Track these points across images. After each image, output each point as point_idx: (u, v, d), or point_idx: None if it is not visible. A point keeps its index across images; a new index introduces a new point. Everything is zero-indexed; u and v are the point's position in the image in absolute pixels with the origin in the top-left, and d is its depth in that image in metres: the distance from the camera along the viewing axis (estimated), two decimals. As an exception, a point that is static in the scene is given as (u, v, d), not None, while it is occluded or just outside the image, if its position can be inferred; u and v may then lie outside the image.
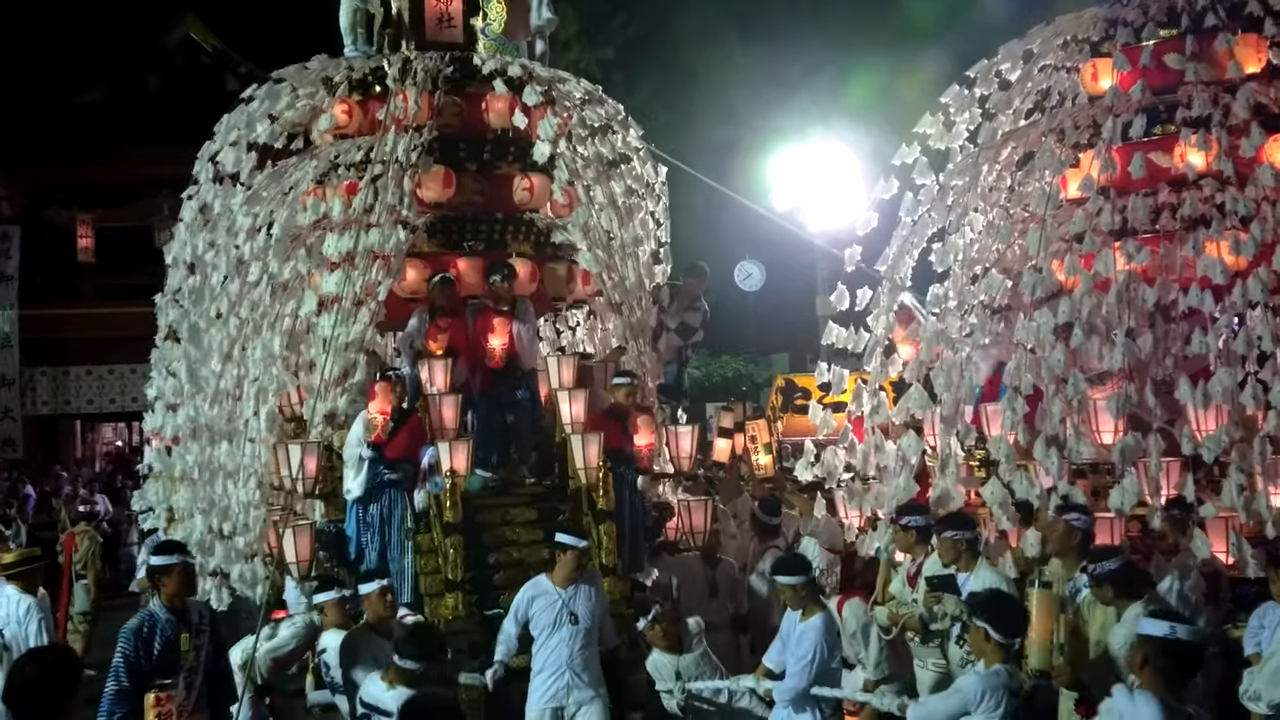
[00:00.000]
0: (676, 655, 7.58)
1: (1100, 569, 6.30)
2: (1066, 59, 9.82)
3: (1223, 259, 8.24)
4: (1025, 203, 9.58)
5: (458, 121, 9.64)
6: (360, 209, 8.86)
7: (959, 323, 9.27)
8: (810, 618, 6.79)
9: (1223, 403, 7.95)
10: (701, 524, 8.99)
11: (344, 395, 8.51)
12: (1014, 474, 8.15)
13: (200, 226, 9.76)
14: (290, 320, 8.90)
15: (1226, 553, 7.68)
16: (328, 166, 9.34)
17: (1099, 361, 8.30)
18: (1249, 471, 7.86)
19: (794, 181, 20.32)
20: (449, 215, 9.59)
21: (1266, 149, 8.58)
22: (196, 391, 9.36)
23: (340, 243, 8.85)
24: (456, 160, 9.56)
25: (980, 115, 9.96)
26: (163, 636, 5.99)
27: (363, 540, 8.40)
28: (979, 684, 5.68)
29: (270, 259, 8.99)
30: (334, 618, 7.35)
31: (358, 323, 8.60)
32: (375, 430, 8.27)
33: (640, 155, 10.49)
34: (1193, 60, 8.91)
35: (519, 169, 9.80)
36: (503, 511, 8.89)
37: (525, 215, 9.95)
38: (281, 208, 9.20)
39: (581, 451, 8.61)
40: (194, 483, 9.22)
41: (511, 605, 7.46)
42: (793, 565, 7.05)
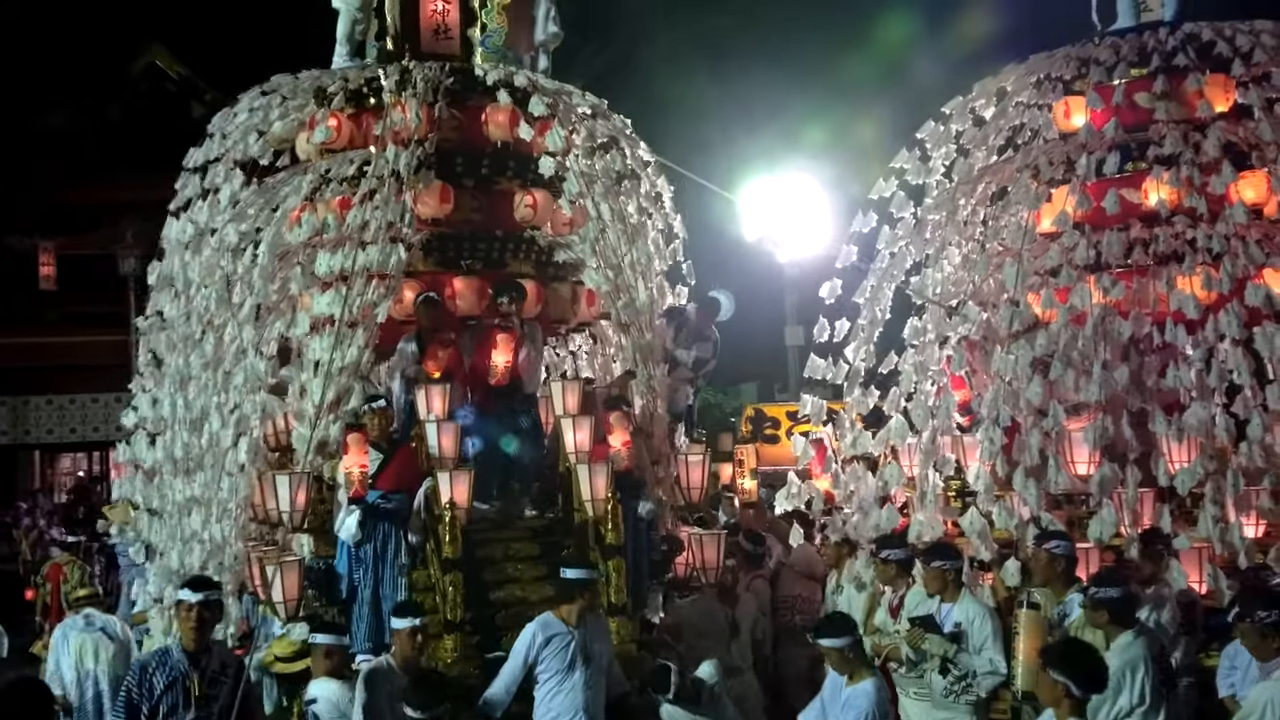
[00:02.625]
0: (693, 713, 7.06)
1: (1101, 594, 6.33)
2: (1039, 97, 10.00)
3: (1195, 294, 8.41)
4: (1001, 237, 9.73)
5: (456, 135, 9.20)
6: (355, 225, 8.46)
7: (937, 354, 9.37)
8: (859, 683, 6.24)
9: (1196, 435, 8.09)
10: (714, 559, 8.46)
11: (336, 423, 8.03)
12: (993, 504, 8.25)
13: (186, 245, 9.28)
14: (278, 343, 8.50)
15: (1201, 583, 7.81)
16: (319, 181, 8.90)
17: (1075, 393, 8.43)
18: (1223, 503, 7.99)
19: (763, 212, 20.49)
20: (446, 233, 9.17)
21: (1236, 186, 8.78)
22: (176, 420, 8.93)
23: (333, 261, 8.45)
24: (454, 175, 9.13)
25: (956, 151, 10.13)
26: (169, 676, 5.70)
27: (355, 578, 7.91)
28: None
29: (256, 278, 8.59)
30: (326, 664, 6.92)
31: (352, 346, 8.17)
32: (354, 486, 7.81)
33: (649, 171, 10.02)
34: (1163, 99, 9.12)
35: (519, 185, 9.41)
36: (504, 546, 8.42)
37: (526, 233, 9.51)
38: (270, 225, 8.80)
39: (589, 482, 8.11)
40: (171, 515, 8.84)
41: (516, 648, 6.93)
42: (837, 626, 6.46)
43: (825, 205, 19.81)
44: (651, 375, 9.12)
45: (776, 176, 20.48)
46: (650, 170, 9.95)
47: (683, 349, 9.80)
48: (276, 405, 8.39)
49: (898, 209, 10.00)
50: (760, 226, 20.63)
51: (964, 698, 6.92)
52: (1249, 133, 9.02)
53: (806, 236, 20.14)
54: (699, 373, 10.07)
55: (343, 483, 7.85)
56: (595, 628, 7.04)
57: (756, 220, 20.64)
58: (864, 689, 6.19)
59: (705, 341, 10.00)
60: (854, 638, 6.35)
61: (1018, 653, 6.41)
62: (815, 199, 20.09)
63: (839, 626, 6.43)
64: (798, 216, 20.19)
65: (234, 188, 9.16)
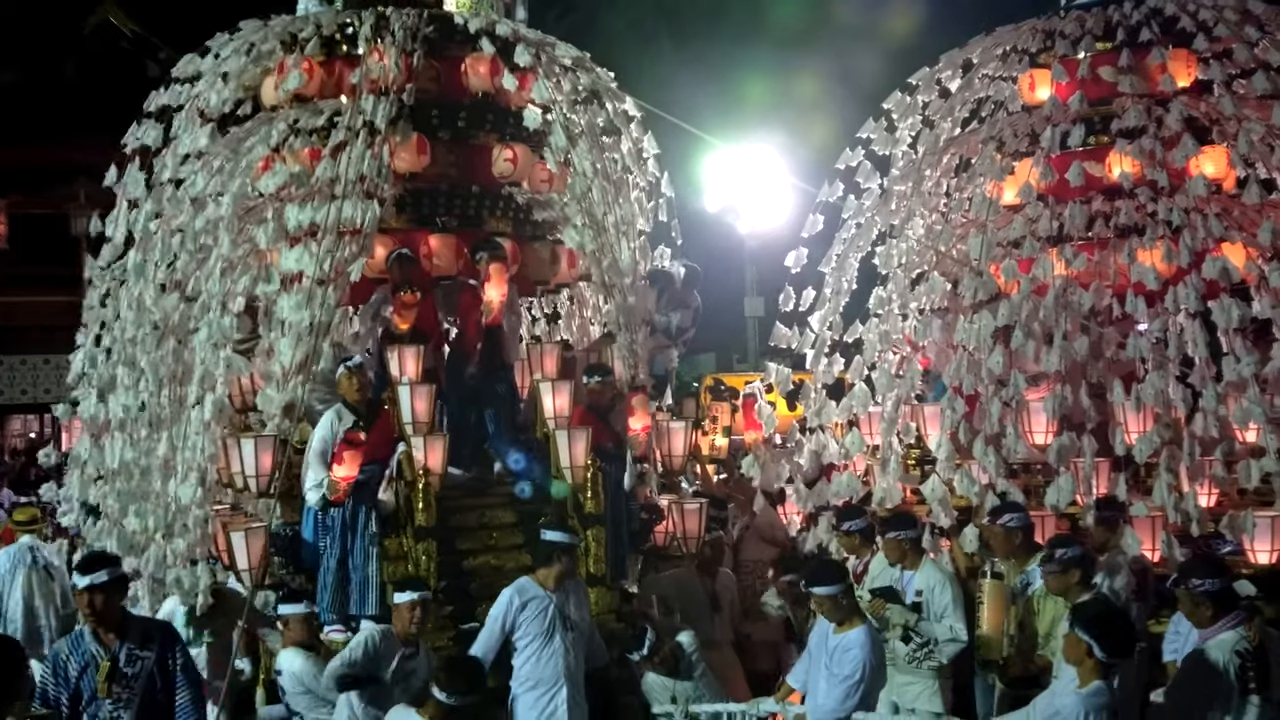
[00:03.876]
0: (673, 678, 7.11)
1: (1069, 553, 6.41)
2: (1005, 69, 10.07)
3: (1155, 266, 8.52)
4: (965, 208, 9.80)
5: (433, 86, 8.79)
6: (326, 178, 8.01)
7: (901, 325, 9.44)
8: (851, 630, 6.13)
9: (1153, 405, 8.22)
10: (695, 528, 8.32)
11: (305, 385, 7.67)
12: (953, 472, 8.35)
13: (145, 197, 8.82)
14: (243, 299, 8.10)
15: (1155, 550, 7.96)
16: (288, 131, 8.43)
17: (1036, 364, 8.54)
18: (1177, 472, 8.12)
19: (725, 183, 20.50)
20: (421, 188, 8.82)
21: (1197, 161, 8.90)
22: (134, 377, 8.47)
23: (303, 215, 7.98)
24: (429, 128, 8.73)
25: (922, 122, 10.18)
26: (81, 660, 5.45)
27: (321, 545, 7.58)
28: (1079, 705, 5.10)
29: (221, 231, 8.16)
30: (292, 635, 6.81)
31: (323, 305, 7.74)
32: (337, 493, 7.45)
33: (633, 126, 9.52)
34: (1127, 73, 9.19)
35: (497, 138, 9.03)
36: (479, 514, 8.12)
37: (505, 190, 9.16)
38: (234, 176, 8.34)
39: (568, 449, 7.89)
40: (128, 477, 8.42)
41: (492, 613, 6.78)
42: (829, 573, 6.34)
43: (786, 177, 19.87)
44: (634, 340, 8.84)
45: (739, 147, 20.51)
46: (634, 126, 9.55)
47: (664, 314, 9.61)
48: (242, 365, 8.08)
49: (864, 179, 10.05)
50: (721, 197, 20.66)
51: (926, 664, 7.01)
52: (1210, 108, 9.12)
53: (767, 208, 20.21)
54: (679, 340, 9.90)
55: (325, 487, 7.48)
56: (575, 594, 6.88)
57: (719, 191, 20.67)
58: (856, 636, 6.08)
59: (686, 309, 9.82)
60: (846, 584, 6.24)
61: (981, 622, 6.49)
62: (776, 171, 20.14)
63: (830, 573, 6.30)
64: (759, 188, 20.25)
65: (197, 136, 8.78)
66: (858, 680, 6.02)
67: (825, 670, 6.17)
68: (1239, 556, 7.98)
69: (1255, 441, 8.18)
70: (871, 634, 6.18)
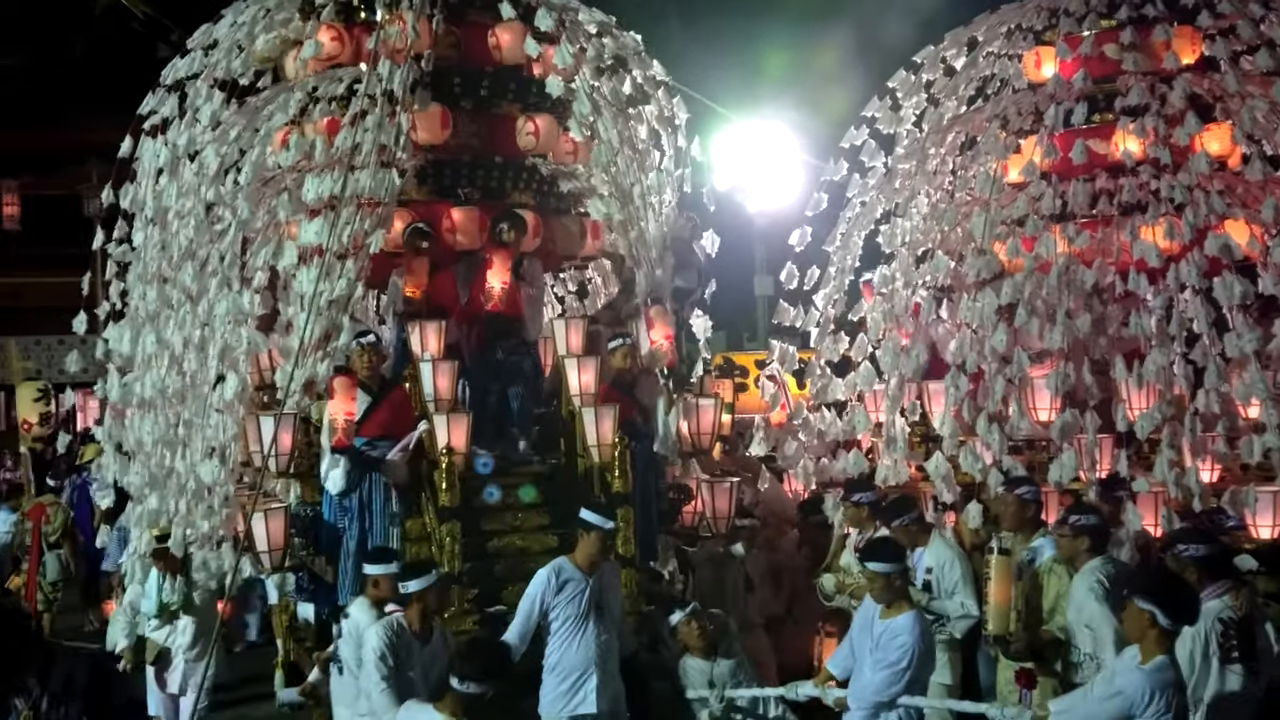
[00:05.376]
0: (711, 660, 6.89)
1: (1083, 520, 6.48)
2: (1009, 47, 10.07)
3: (1157, 244, 8.55)
4: (969, 186, 9.83)
5: (454, 54, 8.59)
6: (345, 148, 7.75)
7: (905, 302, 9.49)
8: (899, 615, 5.89)
9: (1155, 382, 8.27)
10: (726, 508, 8.12)
11: (325, 361, 7.42)
12: (958, 449, 8.42)
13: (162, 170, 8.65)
14: (263, 274, 7.90)
15: (1157, 525, 8.02)
16: (307, 100, 8.23)
17: (1039, 341, 8.59)
18: (1179, 448, 8.18)
19: (734, 161, 20.49)
20: (442, 159, 8.58)
21: (1200, 138, 8.91)
22: (155, 355, 8.36)
23: (322, 186, 7.75)
24: (451, 97, 8.51)
25: (926, 100, 10.20)
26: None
27: (341, 526, 7.42)
28: (1144, 682, 4.88)
29: (240, 203, 7.96)
30: (383, 592, 6.44)
31: (342, 278, 7.51)
32: (337, 433, 7.33)
33: (661, 93, 9.25)
34: (1131, 51, 9.20)
35: (520, 108, 8.82)
36: (503, 494, 7.88)
37: (528, 161, 8.92)
38: (253, 147, 8.16)
39: (594, 426, 7.63)
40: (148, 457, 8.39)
41: (529, 592, 6.50)
42: (886, 550, 6.08)
43: (796, 155, 19.86)
44: (665, 311, 8.57)
45: (749, 125, 20.48)
46: (662, 93, 9.30)
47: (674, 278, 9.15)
48: (261, 341, 7.92)
49: (869, 158, 10.09)
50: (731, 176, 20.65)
51: (939, 639, 7.04)
52: (1214, 85, 9.14)
53: (776, 186, 20.21)
54: (685, 303, 9.40)
55: (326, 429, 7.41)
56: (609, 578, 6.68)
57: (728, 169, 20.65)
58: (905, 622, 5.84)
59: (688, 269, 9.31)
60: (903, 565, 6.00)
61: (989, 597, 6.55)
62: (786, 149, 20.13)
63: (890, 551, 6.03)
64: (768, 166, 20.23)
65: (215, 107, 8.61)
66: (905, 667, 5.81)
67: (870, 656, 5.94)
68: (1241, 531, 8.06)
69: (1257, 417, 8.22)
70: (921, 619, 5.95)
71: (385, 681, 5.90)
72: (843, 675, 6.23)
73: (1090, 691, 5.20)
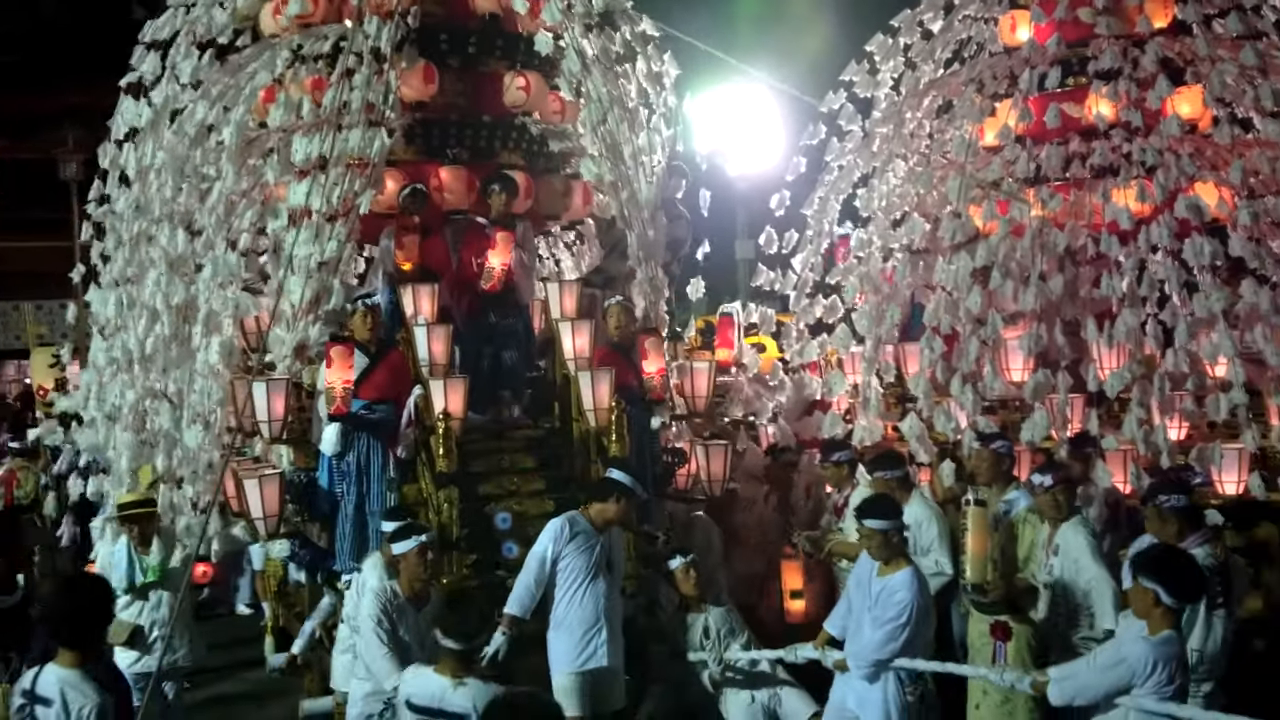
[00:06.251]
0: (701, 613, 6.91)
1: (1054, 476, 6.63)
2: (985, 10, 10.16)
3: (1129, 206, 8.68)
4: (945, 150, 9.93)
5: (440, 9, 8.41)
6: (333, 108, 7.60)
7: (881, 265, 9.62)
8: (896, 572, 5.81)
9: (1126, 342, 8.44)
10: (720, 471, 8.07)
11: (316, 324, 7.35)
12: (932, 410, 8.58)
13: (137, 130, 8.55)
14: (250, 235, 7.81)
15: (1126, 482, 8.19)
16: (292, 59, 8.10)
17: (1013, 303, 8.74)
18: (1148, 406, 8.34)
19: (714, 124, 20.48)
20: (430, 118, 8.46)
21: (1172, 101, 9.01)
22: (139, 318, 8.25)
23: (310, 146, 7.62)
24: (438, 54, 8.34)
25: (903, 64, 10.28)
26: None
27: (338, 491, 7.31)
28: (1149, 652, 4.79)
29: (225, 164, 7.84)
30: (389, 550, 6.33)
31: (332, 240, 7.39)
32: (335, 402, 7.21)
33: (651, 49, 9.05)
34: (1104, 15, 9.30)
35: (508, 65, 8.68)
36: (498, 459, 7.80)
37: (517, 120, 8.79)
38: (237, 106, 8.02)
39: (591, 390, 7.50)
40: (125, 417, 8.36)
41: (540, 541, 6.37)
42: (883, 507, 5.99)
43: (777, 118, 19.88)
44: (655, 274, 8.47)
45: (729, 87, 20.46)
46: (652, 49, 9.10)
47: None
48: (250, 304, 7.82)
49: (846, 122, 10.18)
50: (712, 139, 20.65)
51: None
52: (1185, 48, 9.24)
53: (757, 149, 20.24)
54: (676, 255, 9.21)
55: (324, 398, 7.30)
56: (618, 539, 6.60)
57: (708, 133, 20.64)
58: (902, 578, 5.77)
59: (676, 220, 9.08)
60: (899, 522, 5.94)
61: (966, 548, 6.69)
62: (767, 111, 20.14)
63: (887, 508, 5.98)
64: (749, 129, 20.25)
65: (196, 65, 8.47)
66: (904, 624, 5.73)
67: (869, 614, 5.88)
68: (1207, 488, 8.23)
69: (1224, 376, 8.39)
70: (918, 574, 5.88)
71: (383, 646, 5.86)
72: (840, 635, 6.22)
73: (1094, 660, 5.17)
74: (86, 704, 4.27)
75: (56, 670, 4.34)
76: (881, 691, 5.81)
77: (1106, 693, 4.90)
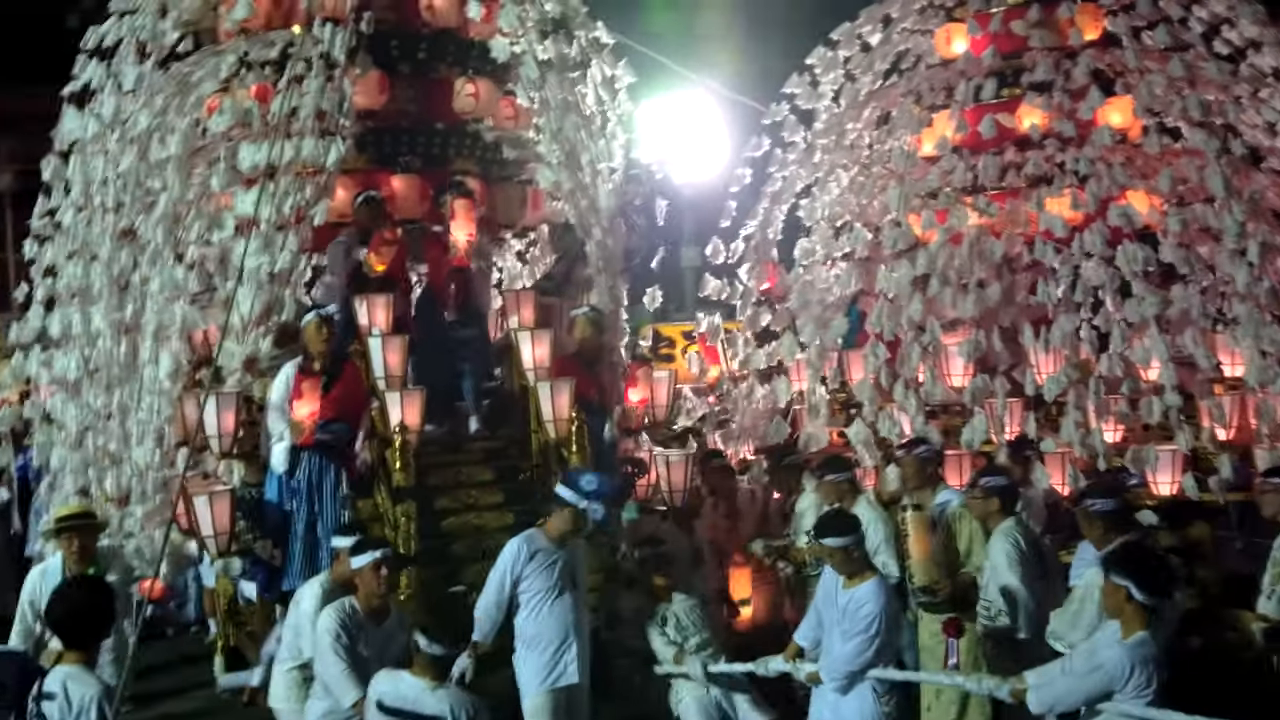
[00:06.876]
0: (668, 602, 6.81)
1: (991, 483, 6.75)
2: (922, 23, 10.36)
3: (1063, 214, 8.91)
4: (885, 160, 10.12)
5: (391, 15, 8.34)
6: (282, 114, 7.45)
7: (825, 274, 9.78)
8: (862, 584, 5.78)
9: (1062, 347, 8.65)
10: (681, 481, 7.93)
11: (266, 337, 7.21)
12: (877, 415, 8.74)
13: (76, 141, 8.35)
14: (197, 247, 7.67)
15: (1064, 484, 8.40)
16: (238, 65, 7.96)
17: (952, 310, 8.93)
18: (1085, 410, 8.55)
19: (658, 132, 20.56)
20: (381, 126, 8.40)
21: (1103, 111, 9.27)
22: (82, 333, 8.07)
23: (259, 154, 7.48)
24: (388, 61, 8.28)
25: (844, 76, 10.46)
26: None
27: (290, 508, 7.11)
28: (1124, 657, 4.72)
29: (171, 173, 7.69)
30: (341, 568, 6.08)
31: (284, 250, 7.25)
32: (303, 434, 7.04)
33: (605, 56, 9.04)
34: (1037, 28, 9.55)
35: (459, 72, 8.66)
36: (455, 471, 7.67)
37: (470, 126, 8.76)
38: (182, 114, 7.86)
39: (550, 401, 7.38)
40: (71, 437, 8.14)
41: (499, 563, 6.23)
42: (840, 524, 5.95)
43: (721, 126, 20.00)
44: (614, 284, 8.41)
45: (674, 96, 20.55)
46: (606, 55, 9.07)
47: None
48: (198, 318, 7.69)
49: (789, 133, 10.33)
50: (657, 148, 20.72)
51: None
52: (1116, 60, 9.48)
53: (703, 157, 20.35)
54: (630, 264, 9.12)
55: (274, 413, 7.14)
56: (577, 551, 6.44)
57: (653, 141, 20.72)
58: (869, 589, 5.76)
59: (631, 228, 8.97)
60: (858, 535, 5.91)
61: (911, 553, 6.83)
62: (711, 119, 20.26)
63: (842, 525, 5.94)
64: (692, 137, 20.35)
65: (144, 71, 8.24)
66: (873, 635, 5.71)
67: (838, 627, 5.85)
68: (1142, 489, 8.45)
69: (1157, 379, 8.60)
70: (884, 585, 5.87)
71: (342, 663, 5.64)
72: (810, 647, 6.18)
73: (1069, 665, 5.09)
74: (87, 693, 4.45)
75: (62, 668, 4.56)
76: (857, 703, 5.78)
77: (1086, 698, 4.88)
